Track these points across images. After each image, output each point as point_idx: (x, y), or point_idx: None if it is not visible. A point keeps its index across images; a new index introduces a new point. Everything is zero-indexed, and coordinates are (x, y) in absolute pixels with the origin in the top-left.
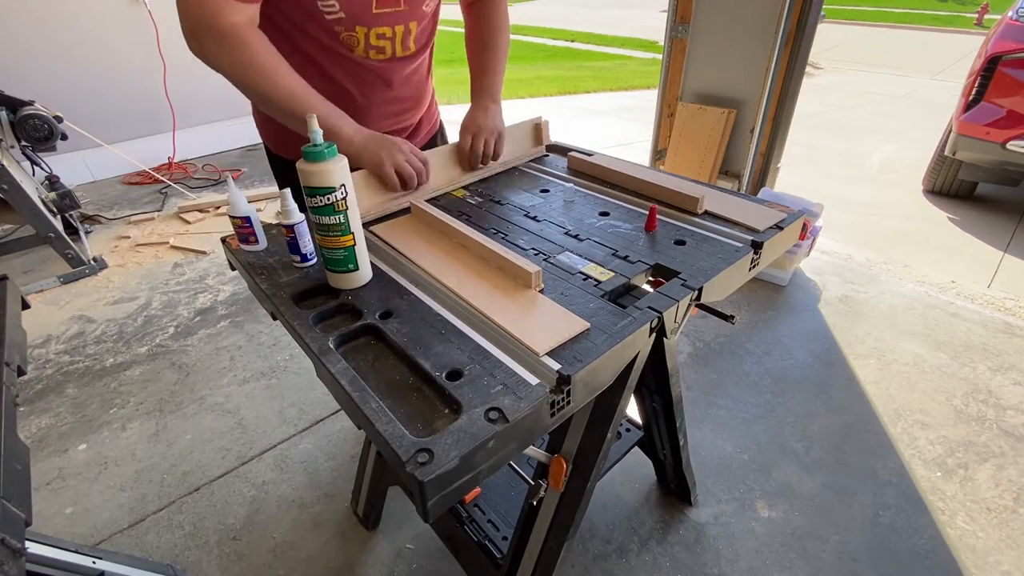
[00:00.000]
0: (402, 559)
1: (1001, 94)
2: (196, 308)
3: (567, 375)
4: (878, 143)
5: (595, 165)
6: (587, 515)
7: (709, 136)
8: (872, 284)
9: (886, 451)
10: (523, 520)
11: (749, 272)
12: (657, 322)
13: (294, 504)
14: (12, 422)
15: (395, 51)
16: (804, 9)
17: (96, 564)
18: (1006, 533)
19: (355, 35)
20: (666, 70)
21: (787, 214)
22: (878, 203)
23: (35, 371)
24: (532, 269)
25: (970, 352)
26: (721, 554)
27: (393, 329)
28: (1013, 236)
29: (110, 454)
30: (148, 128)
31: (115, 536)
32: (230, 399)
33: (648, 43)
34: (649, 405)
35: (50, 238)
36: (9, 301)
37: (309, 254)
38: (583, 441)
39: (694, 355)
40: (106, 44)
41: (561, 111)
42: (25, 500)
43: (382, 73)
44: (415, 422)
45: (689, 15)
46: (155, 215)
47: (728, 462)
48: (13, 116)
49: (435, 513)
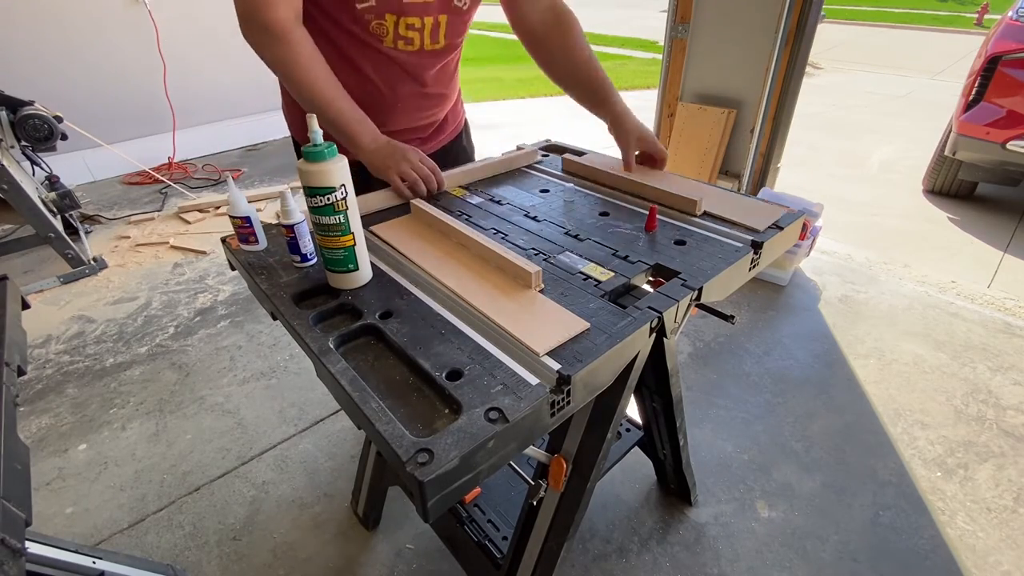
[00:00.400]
0: (402, 559)
1: (1001, 94)
2: (196, 308)
3: (567, 375)
4: (878, 143)
5: (590, 168)
6: (587, 515)
7: (709, 136)
8: (872, 284)
9: (886, 451)
10: (523, 520)
11: (749, 272)
12: (657, 322)
13: (294, 504)
14: (12, 422)
15: (423, 43)
16: (804, 9)
17: (96, 564)
18: (1006, 533)
19: (384, 24)
20: (666, 70)
21: (787, 213)
22: (878, 203)
23: (35, 371)
24: (532, 269)
25: (970, 352)
26: (721, 554)
27: (393, 329)
28: (1013, 236)
29: (110, 454)
30: (148, 128)
31: (115, 536)
32: (230, 399)
33: (648, 43)
34: (649, 405)
35: (50, 238)
36: (9, 301)
37: (309, 254)
38: (583, 441)
39: (694, 355)
40: (106, 44)
41: (561, 111)
42: (25, 500)
43: (410, 67)
44: (415, 422)
45: (689, 15)
46: (155, 215)
47: (728, 462)
48: (13, 116)
49: (435, 513)
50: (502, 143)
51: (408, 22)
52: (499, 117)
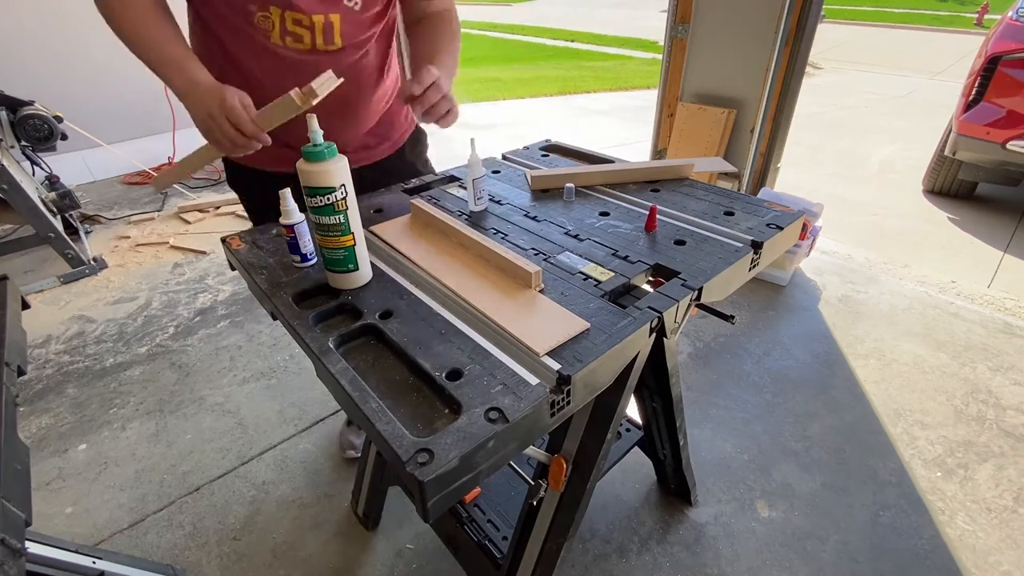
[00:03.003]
0: (402, 559)
1: (1001, 94)
2: (196, 308)
3: (567, 375)
4: (878, 143)
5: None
6: (587, 515)
7: (709, 136)
8: (872, 284)
9: (886, 451)
10: (523, 520)
11: (749, 272)
12: (657, 322)
13: (294, 504)
14: (12, 422)
15: (315, 42)
16: (804, 9)
17: (96, 564)
18: (1006, 533)
19: (270, 17)
20: (666, 70)
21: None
22: (878, 203)
23: (35, 371)
24: (532, 269)
25: (970, 352)
26: (721, 554)
27: (393, 329)
28: (1013, 236)
29: (110, 454)
30: (148, 128)
31: (115, 536)
32: (230, 399)
33: (648, 43)
34: (649, 405)
35: (50, 238)
36: (9, 301)
37: (309, 254)
38: (583, 441)
39: (694, 355)
40: (106, 44)
41: (561, 111)
42: (25, 500)
43: (304, 68)
44: (415, 422)
45: (689, 15)
46: (155, 215)
47: (728, 462)
48: (13, 116)
49: (435, 513)
50: (502, 143)
51: (295, 17)
52: (498, 117)
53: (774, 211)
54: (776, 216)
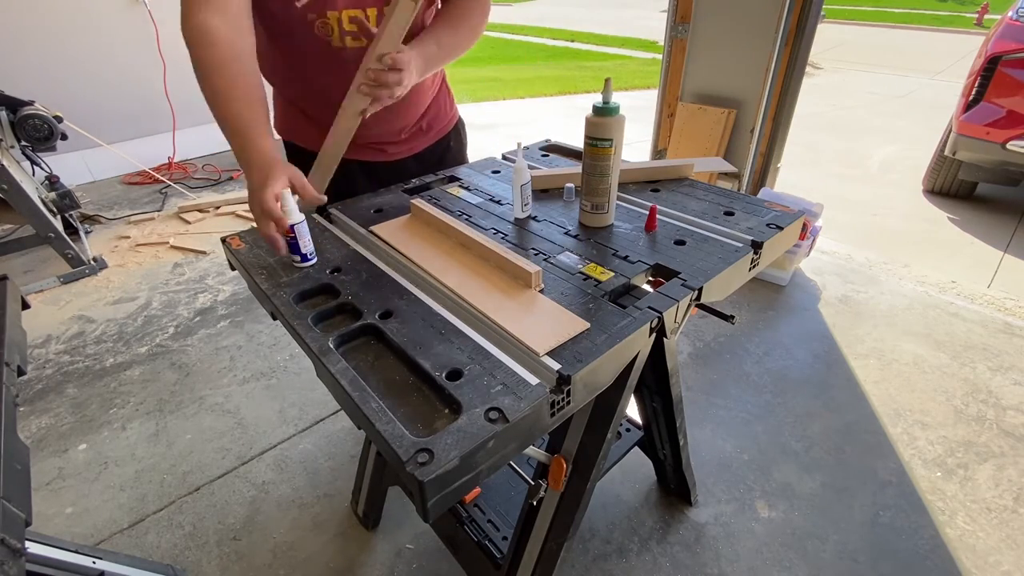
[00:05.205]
0: (402, 559)
1: (1001, 94)
2: (196, 308)
3: (567, 375)
4: (878, 143)
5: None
6: (587, 515)
7: (709, 136)
8: (872, 284)
9: (886, 451)
10: (523, 520)
11: (749, 272)
12: (657, 322)
13: (294, 504)
14: (12, 422)
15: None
16: (804, 9)
17: (96, 564)
18: (1006, 533)
19: (328, 21)
20: (666, 70)
21: (786, 213)
22: (878, 203)
23: (35, 371)
24: (532, 269)
25: (970, 352)
26: (721, 554)
27: (393, 329)
28: (1013, 236)
29: (110, 454)
30: (148, 128)
31: (115, 536)
32: (230, 399)
33: (648, 43)
34: (649, 405)
35: (50, 238)
36: (9, 301)
37: (309, 254)
38: (583, 441)
39: (694, 355)
40: (106, 44)
41: (561, 111)
42: (25, 500)
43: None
44: (415, 422)
45: (689, 15)
46: (155, 215)
47: (728, 462)
48: (13, 116)
49: (435, 513)
50: (501, 143)
51: (351, 14)
52: (498, 117)
53: (774, 211)
54: (776, 216)
